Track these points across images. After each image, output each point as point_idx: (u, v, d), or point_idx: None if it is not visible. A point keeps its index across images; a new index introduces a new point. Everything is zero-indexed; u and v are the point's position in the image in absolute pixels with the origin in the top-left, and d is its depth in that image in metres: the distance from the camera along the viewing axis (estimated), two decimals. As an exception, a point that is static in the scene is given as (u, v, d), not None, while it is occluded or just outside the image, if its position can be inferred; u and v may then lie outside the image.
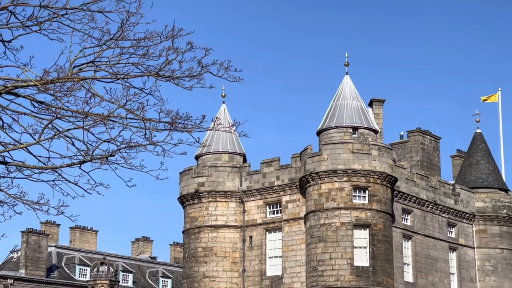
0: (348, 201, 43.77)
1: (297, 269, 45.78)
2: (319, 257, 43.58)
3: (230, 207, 48.88)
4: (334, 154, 44.39)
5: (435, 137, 56.86)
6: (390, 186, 45.07)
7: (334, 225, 43.59)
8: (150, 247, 79.23)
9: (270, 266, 47.41)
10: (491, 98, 60.09)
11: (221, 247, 48.26)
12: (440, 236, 49.97)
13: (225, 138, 50.06)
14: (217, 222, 48.64)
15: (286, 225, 47.06)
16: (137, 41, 14.88)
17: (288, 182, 47.27)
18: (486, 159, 54.61)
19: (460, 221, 51.49)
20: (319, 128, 46.49)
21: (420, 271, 48.05)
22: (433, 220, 49.75)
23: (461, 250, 51.22)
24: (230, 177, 49.10)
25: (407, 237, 47.86)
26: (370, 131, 45.63)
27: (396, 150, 54.83)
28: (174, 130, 15.16)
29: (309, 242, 44.50)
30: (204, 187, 49.06)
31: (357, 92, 47.01)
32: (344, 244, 43.20)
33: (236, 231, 48.58)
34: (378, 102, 48.86)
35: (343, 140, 44.66)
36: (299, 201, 46.72)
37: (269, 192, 47.94)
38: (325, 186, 44.29)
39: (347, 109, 45.91)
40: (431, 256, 49.06)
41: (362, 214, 43.66)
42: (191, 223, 49.43)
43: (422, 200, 48.94)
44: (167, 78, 15.12)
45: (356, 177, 43.91)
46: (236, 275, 48.04)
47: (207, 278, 47.93)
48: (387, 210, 44.65)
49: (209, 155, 50.06)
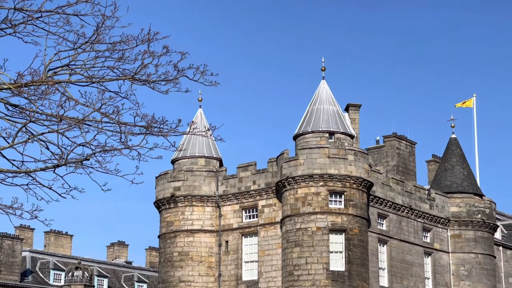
0: (324, 205, 43.87)
1: (273, 274, 45.78)
2: (295, 261, 43.61)
3: (206, 211, 48.78)
4: (310, 159, 44.48)
5: (411, 142, 57.19)
6: (366, 191, 45.24)
7: (310, 229, 43.65)
8: (126, 251, 78.84)
9: (246, 270, 47.36)
10: (466, 104, 60.57)
11: (197, 252, 48.13)
12: (415, 240, 50.23)
13: (202, 142, 49.99)
14: (193, 227, 48.52)
15: (262, 230, 47.04)
16: (113, 44, 14.80)
17: (265, 186, 47.28)
18: (461, 164, 55.00)
19: (435, 226, 51.80)
20: (296, 133, 46.57)
21: (395, 276, 48.25)
22: (408, 224, 50.00)
23: (436, 254, 51.52)
24: (206, 182, 49.01)
25: (382, 241, 48.05)
26: (346, 136, 45.80)
27: (372, 155, 55.06)
28: (149, 134, 15.09)
29: (285, 247, 44.52)
30: (180, 192, 48.93)
31: (333, 97, 47.18)
32: (320, 248, 43.27)
33: (212, 236, 48.49)
34: (354, 107, 49.06)
35: (320, 145, 44.77)
36: (275, 206, 46.74)
37: (245, 196, 47.92)
38: (301, 190, 44.36)
39: (324, 114, 46.04)
40: (406, 260, 49.30)
41: (338, 219, 43.77)
42: (167, 227, 49.25)
43: (397, 205, 49.18)
44: (143, 82, 15.05)
45: (332, 181, 44.02)
46: (212, 280, 47.93)
47: (183, 282, 47.78)
48: (363, 214, 44.81)
49: (185, 159, 49.95)
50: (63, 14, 14.72)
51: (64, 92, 14.77)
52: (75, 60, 14.98)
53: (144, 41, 14.80)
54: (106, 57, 14.90)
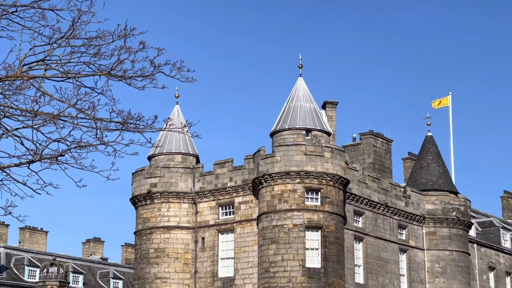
0: (301, 202, 43.96)
1: (249, 271, 45.81)
2: (271, 258, 43.67)
3: (182, 208, 48.70)
4: (287, 156, 44.54)
5: (387, 139, 57.48)
6: (342, 188, 45.40)
7: (287, 226, 43.72)
8: (101, 248, 78.45)
9: (222, 267, 47.35)
10: (442, 102, 60.97)
11: (173, 248, 48.04)
12: (391, 238, 50.50)
13: (178, 138, 49.85)
14: (169, 223, 48.42)
15: (238, 227, 47.05)
16: (89, 40, 14.72)
17: (241, 183, 47.28)
18: (437, 162, 55.36)
19: (410, 223, 52.11)
20: (273, 130, 46.60)
21: (371, 273, 48.49)
22: (384, 222, 50.26)
23: (411, 252, 51.84)
24: (183, 178, 48.91)
25: (358, 239, 48.25)
26: (323, 133, 45.91)
27: (348, 152, 55.27)
28: (125, 130, 15.03)
29: (261, 244, 44.56)
30: (157, 188, 48.79)
31: (310, 94, 47.26)
32: (296, 245, 43.36)
33: (188, 232, 48.41)
34: (331, 105, 49.20)
35: (296, 142, 44.85)
36: (251, 203, 46.76)
37: (221, 193, 47.88)
38: (277, 187, 44.41)
39: (301, 111, 46.12)
40: (382, 257, 49.56)
41: (314, 216, 43.89)
42: (143, 224, 49.09)
43: (373, 202, 49.40)
44: (119, 77, 14.99)
45: (308, 179, 44.12)
46: (188, 277, 47.87)
47: (159, 279, 47.66)
48: (339, 212, 44.96)
49: (162, 155, 49.80)
50: (39, 8, 14.62)
51: (39, 87, 14.68)
52: (51, 55, 14.88)
53: (120, 37, 14.73)
54: (82, 52, 14.82)
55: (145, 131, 15.15)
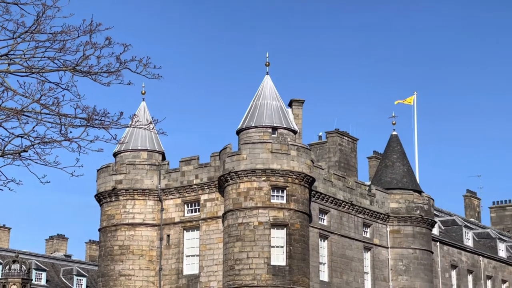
0: (266, 200, 44.04)
1: (214, 268, 45.78)
2: (236, 256, 43.68)
3: (148, 205, 48.48)
4: (253, 154, 44.58)
5: (353, 138, 57.82)
6: (308, 186, 45.57)
7: (252, 224, 43.77)
8: (65, 245, 77.81)
9: (187, 264, 47.26)
10: (406, 101, 61.49)
11: (138, 246, 47.82)
12: (355, 236, 50.83)
13: (144, 135, 49.63)
14: (134, 220, 48.18)
15: (204, 224, 46.98)
16: (54, 34, 14.57)
17: (207, 181, 47.22)
18: (401, 161, 55.84)
19: (375, 221, 52.50)
20: (239, 128, 46.61)
21: (336, 271, 48.77)
22: (349, 220, 50.56)
23: (375, 250, 52.24)
24: (148, 175, 48.71)
25: (323, 237, 48.49)
26: (289, 131, 46.03)
27: (314, 150, 55.51)
28: (90, 126, 14.93)
29: (227, 241, 44.56)
30: (122, 185, 48.53)
31: (277, 92, 47.35)
32: (261, 243, 43.44)
33: (153, 230, 48.23)
34: (298, 103, 49.35)
35: (262, 140, 44.91)
36: (217, 200, 46.73)
37: (187, 190, 47.78)
38: (243, 185, 44.43)
39: (267, 109, 46.19)
40: (347, 255, 49.86)
41: (280, 214, 44.00)
42: (107, 221, 48.79)
43: (339, 200, 49.66)
44: (84, 73, 14.87)
45: (274, 177, 44.21)
46: (153, 274, 47.69)
47: (123, 276, 47.41)
48: (305, 210, 45.13)
49: (128, 152, 49.52)
50: (2, 2, 14.46)
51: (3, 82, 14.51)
52: (14, 49, 14.71)
53: (86, 32, 14.61)
54: (46, 47, 14.68)
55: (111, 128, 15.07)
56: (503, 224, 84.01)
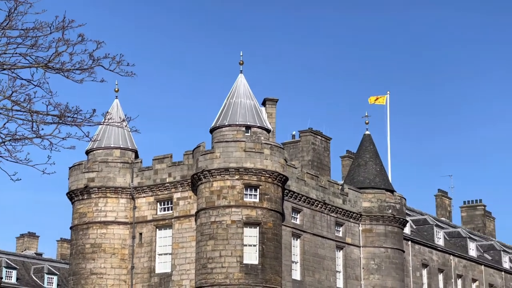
0: (239, 199, 44.04)
1: (186, 267, 45.69)
2: (208, 254, 43.64)
3: (120, 203, 48.26)
4: (226, 152, 44.55)
5: (326, 137, 58.02)
6: (281, 185, 45.64)
7: (225, 223, 43.75)
8: (36, 243, 77.21)
9: (160, 263, 47.11)
10: (379, 100, 61.78)
11: (109, 244, 47.57)
12: (328, 235, 51.01)
13: (117, 133, 49.36)
14: (106, 218, 47.93)
15: (176, 222, 46.87)
16: (26, 31, 14.44)
17: (180, 179, 47.10)
18: (374, 160, 56.13)
19: (347, 220, 52.72)
20: (212, 126, 46.55)
21: (308, 269, 48.91)
22: (321, 219, 50.72)
23: (348, 248, 52.47)
24: (121, 173, 48.47)
25: (296, 235, 48.60)
26: (263, 130, 46.07)
27: (288, 149, 55.61)
28: (62, 123, 14.82)
29: (199, 240, 44.50)
30: (94, 183, 48.24)
31: (251, 91, 47.36)
32: (234, 242, 43.44)
33: (125, 228, 48.02)
34: (271, 102, 49.42)
35: (236, 139, 44.90)
36: (190, 199, 46.64)
37: (160, 188, 47.62)
38: (216, 184, 44.39)
39: (241, 107, 46.19)
40: (319, 254, 50.02)
41: (253, 213, 44.03)
42: (79, 219, 48.47)
43: (311, 199, 49.80)
44: (57, 70, 14.75)
45: (247, 175, 44.23)
46: (125, 272, 47.48)
47: (95, 275, 47.14)
48: (278, 208, 45.20)
49: (100, 150, 49.23)
50: (-27, -2, 14.26)
51: (-27, 78, 14.32)
52: (-15, 45, 14.53)
53: (58, 29, 14.49)
54: (18, 43, 14.53)
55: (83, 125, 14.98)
56: (473, 224, 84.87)
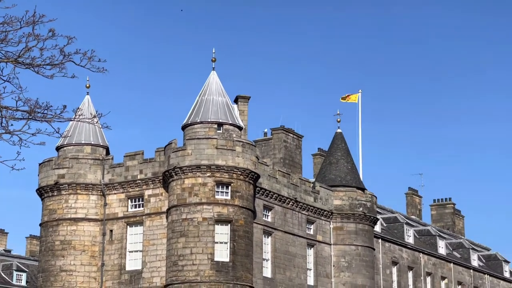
0: (211, 196, 44.01)
1: (157, 264, 45.55)
2: (179, 251, 43.55)
3: (91, 200, 47.97)
4: (198, 149, 44.48)
5: (298, 135, 58.18)
6: (252, 183, 45.68)
7: (196, 220, 43.69)
8: (5, 239, 76.48)
9: (130, 260, 46.91)
10: (351, 98, 62.06)
11: (80, 241, 47.28)
12: (299, 232, 51.17)
13: (88, 129, 49.06)
14: (76, 215, 47.62)
15: (147, 219, 46.70)
16: (-5, 25, 14.28)
17: (151, 176, 46.93)
18: (345, 158, 56.40)
19: (318, 218, 52.93)
20: (184, 123, 46.44)
21: (279, 267, 49.02)
22: (293, 217, 50.86)
23: (319, 246, 52.68)
24: (92, 170, 48.17)
25: (267, 233, 48.68)
26: (235, 128, 46.07)
27: (259, 147, 55.66)
28: (32, 119, 14.70)
29: (170, 237, 44.38)
30: (65, 179, 47.90)
31: (223, 88, 47.33)
32: (205, 239, 43.40)
33: (96, 225, 47.74)
34: (244, 99, 49.42)
35: (208, 136, 44.85)
36: (161, 196, 46.50)
37: (131, 185, 47.42)
38: (188, 181, 44.31)
39: (213, 104, 46.13)
40: (290, 252, 50.16)
41: (224, 210, 44.01)
42: (49, 215, 48.10)
43: (283, 197, 49.91)
44: (27, 65, 14.62)
45: (219, 172, 44.21)
46: (95, 269, 47.21)
47: (64, 272, 46.81)
48: (249, 206, 45.24)
49: (71, 146, 48.89)
50: None
51: None
52: (-46, 39, 14.36)
53: (29, 24, 14.36)
54: (-13, 38, 14.37)
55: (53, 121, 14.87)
56: (443, 222, 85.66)
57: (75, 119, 16.43)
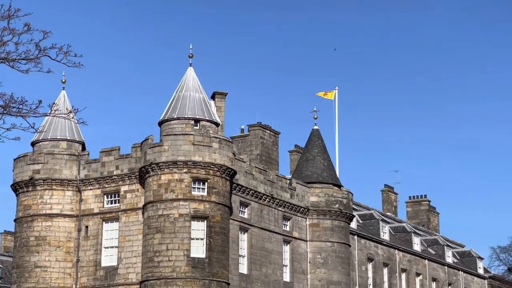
0: (187, 192, 43.95)
1: (133, 260, 45.42)
2: (155, 248, 43.45)
3: (66, 195, 47.71)
4: (175, 146, 44.40)
5: (275, 132, 58.24)
6: (229, 179, 45.68)
7: (172, 216, 43.62)
8: (-21, 235, 75.80)
9: (106, 256, 46.73)
10: (327, 95, 62.22)
11: (55, 237, 47.01)
12: (275, 229, 51.26)
13: (64, 125, 48.77)
14: (52, 211, 47.34)
15: (123, 215, 46.54)
16: (-30, 19, 14.15)
17: (128, 172, 46.77)
18: (322, 155, 56.57)
19: (295, 214, 53.06)
20: (161, 119, 46.32)
21: (255, 263, 49.09)
22: (269, 213, 50.95)
23: (295, 243, 52.82)
24: (67, 165, 47.91)
25: (243, 229, 48.73)
26: (212, 124, 46.03)
27: (236, 143, 55.66)
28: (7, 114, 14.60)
29: (146, 233, 44.27)
30: (40, 175, 47.59)
31: (200, 84, 47.25)
32: (181, 235, 43.34)
33: (71, 220, 47.49)
34: (221, 95, 49.40)
35: (185, 132, 44.77)
36: (138, 192, 46.35)
37: (107, 181, 47.22)
38: (164, 177, 44.21)
39: (190, 101, 46.05)
40: (266, 248, 50.24)
41: (201, 206, 43.98)
42: (24, 211, 47.75)
43: (259, 193, 49.97)
44: (2, 59, 14.51)
45: (196, 169, 44.16)
46: (70, 265, 46.98)
47: (39, 268, 46.53)
48: (225, 202, 45.24)
49: (46, 141, 48.58)
50: None
51: None
52: None
53: (4, 18, 14.24)
54: (-39, 32, 14.23)
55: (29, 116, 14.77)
56: (418, 219, 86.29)
57: (51, 114, 16.32)
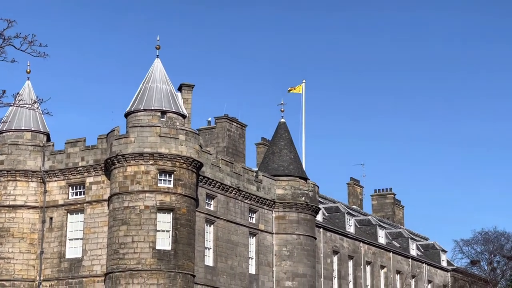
0: (153, 184, 43.79)
1: (98, 252, 45.16)
2: (121, 240, 43.25)
3: (30, 187, 47.26)
4: (141, 137, 44.18)
5: (242, 124, 58.24)
6: (195, 171, 45.60)
7: (138, 208, 43.44)
8: None
9: (70, 248, 46.41)
10: (296, 89, 62.42)
11: (18, 228, 46.57)
12: (241, 221, 51.33)
13: (28, 115, 48.29)
14: (15, 202, 46.87)
15: (89, 207, 46.23)
16: None
17: (93, 163, 46.45)
18: (289, 148, 56.72)
19: (261, 207, 53.17)
20: (127, 110, 46.05)
21: (221, 255, 49.12)
22: (235, 205, 50.98)
23: (261, 235, 52.95)
24: (32, 156, 47.43)
25: (209, 221, 48.70)
26: (179, 116, 45.90)
27: (203, 135, 55.56)
28: (-30, 104, 14.37)
29: (112, 225, 44.04)
30: (3, 166, 47.09)
31: (167, 76, 47.05)
32: (147, 227, 43.19)
33: (35, 212, 47.06)
34: (188, 87, 49.25)
35: (151, 124, 44.57)
36: (103, 183, 46.07)
37: (72, 172, 46.85)
38: (130, 168, 43.99)
39: (156, 92, 45.85)
40: (232, 240, 50.29)
41: (167, 198, 43.86)
42: (-13, 202, 47.16)
43: (226, 186, 49.97)
44: (-36, 48, 14.27)
45: (162, 161, 44.00)
46: (34, 257, 46.57)
47: (2, 259, 46.09)
48: (192, 194, 45.17)
49: (10, 132, 48.06)
50: None
51: None
52: None
53: (-33, 6, 14.01)
54: None
55: (-8, 106, 14.55)
56: (383, 212, 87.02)
57: (15, 105, 16.13)
